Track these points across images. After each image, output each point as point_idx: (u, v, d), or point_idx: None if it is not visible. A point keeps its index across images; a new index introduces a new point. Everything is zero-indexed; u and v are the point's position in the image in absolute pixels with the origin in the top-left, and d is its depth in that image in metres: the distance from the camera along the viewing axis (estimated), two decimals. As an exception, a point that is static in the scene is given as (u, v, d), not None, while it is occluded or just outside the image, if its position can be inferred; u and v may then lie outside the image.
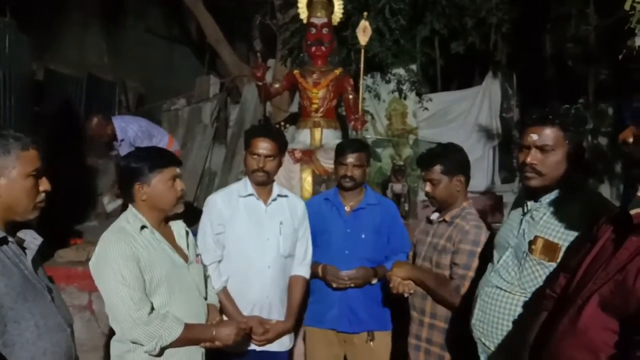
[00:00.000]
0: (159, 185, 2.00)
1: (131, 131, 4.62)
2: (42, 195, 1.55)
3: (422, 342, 2.40)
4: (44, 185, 1.55)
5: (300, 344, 3.00)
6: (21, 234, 1.53)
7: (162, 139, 4.83)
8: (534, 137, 1.77)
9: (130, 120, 4.79)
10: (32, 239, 1.54)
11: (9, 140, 1.46)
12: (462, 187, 2.43)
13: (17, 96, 4.65)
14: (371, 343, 2.70)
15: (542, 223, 1.77)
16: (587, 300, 1.20)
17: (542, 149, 1.76)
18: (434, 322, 2.36)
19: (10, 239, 1.47)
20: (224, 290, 2.44)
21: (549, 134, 1.76)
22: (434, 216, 2.50)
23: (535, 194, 1.84)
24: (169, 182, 2.01)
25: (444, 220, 2.41)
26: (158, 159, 2.02)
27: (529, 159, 1.77)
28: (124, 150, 4.60)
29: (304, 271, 2.65)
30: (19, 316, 1.39)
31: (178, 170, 2.06)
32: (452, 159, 2.41)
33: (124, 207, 2.17)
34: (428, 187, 2.43)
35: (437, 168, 2.37)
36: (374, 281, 2.70)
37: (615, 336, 1.14)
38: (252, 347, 2.43)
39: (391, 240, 2.80)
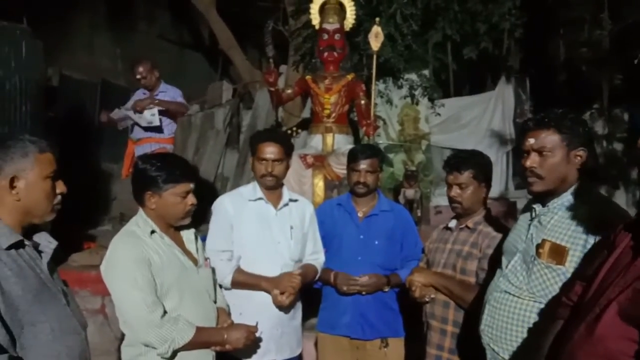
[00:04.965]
0: (170, 198, 2.00)
1: (177, 91, 4.85)
2: (59, 197, 1.57)
3: (444, 352, 2.35)
4: (60, 187, 1.56)
5: (312, 350, 2.99)
6: (36, 237, 1.55)
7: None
8: (532, 140, 1.81)
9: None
10: (47, 243, 1.55)
11: (26, 143, 1.48)
12: (486, 194, 2.43)
13: (32, 101, 4.72)
14: (385, 350, 2.68)
15: (550, 227, 1.77)
16: (604, 308, 1.18)
17: (539, 152, 1.79)
18: (458, 331, 2.31)
19: (26, 242, 1.49)
20: (238, 270, 2.45)
21: (545, 137, 1.78)
22: (452, 223, 2.48)
23: (543, 199, 1.84)
24: (181, 196, 2.01)
25: (467, 227, 2.39)
26: (174, 172, 2.01)
27: (528, 163, 1.80)
28: (162, 97, 4.76)
29: (315, 263, 2.66)
30: (34, 319, 1.40)
31: (192, 185, 2.05)
32: (482, 165, 2.41)
33: None
34: (455, 192, 2.39)
35: (469, 173, 2.35)
36: (387, 289, 2.69)
37: (635, 345, 1.11)
38: (259, 358, 2.41)
39: (404, 247, 2.79)
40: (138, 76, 4.71)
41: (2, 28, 4.56)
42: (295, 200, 2.65)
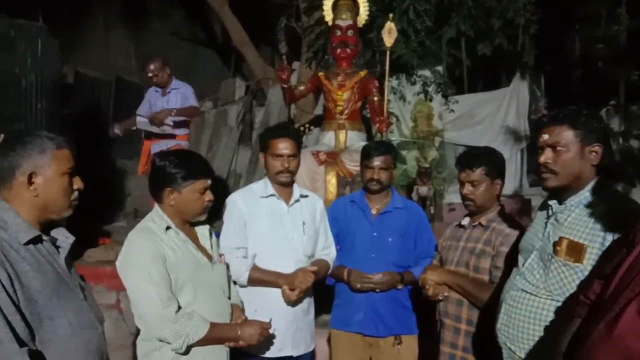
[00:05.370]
0: (188, 194, 2.02)
1: (189, 89, 4.82)
2: (76, 193, 1.58)
3: (458, 350, 2.34)
4: (78, 183, 1.57)
5: (325, 347, 2.99)
6: (54, 232, 1.56)
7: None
8: (546, 136, 1.81)
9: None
10: (65, 238, 1.57)
11: (44, 139, 1.49)
12: (500, 191, 2.41)
13: (47, 99, 4.77)
14: (398, 347, 2.68)
15: (567, 224, 1.76)
16: (624, 307, 1.17)
17: (553, 147, 1.78)
18: (471, 329, 2.31)
19: (44, 237, 1.50)
20: (254, 267, 2.44)
21: (558, 133, 1.78)
22: (466, 221, 2.47)
23: (559, 197, 1.83)
24: (199, 192, 2.04)
25: (480, 224, 2.37)
26: (193, 169, 2.03)
27: (542, 159, 1.80)
28: (171, 100, 4.76)
29: (326, 258, 2.65)
30: (53, 313, 1.42)
31: (209, 182, 2.07)
32: (495, 161, 2.40)
33: None
34: (467, 189, 2.38)
35: (481, 170, 2.34)
36: (400, 286, 2.68)
37: (655, 344, 1.10)
38: (276, 354, 2.42)
39: (418, 245, 2.78)
40: (150, 74, 4.75)
41: (18, 26, 4.62)
42: (306, 196, 2.65)
